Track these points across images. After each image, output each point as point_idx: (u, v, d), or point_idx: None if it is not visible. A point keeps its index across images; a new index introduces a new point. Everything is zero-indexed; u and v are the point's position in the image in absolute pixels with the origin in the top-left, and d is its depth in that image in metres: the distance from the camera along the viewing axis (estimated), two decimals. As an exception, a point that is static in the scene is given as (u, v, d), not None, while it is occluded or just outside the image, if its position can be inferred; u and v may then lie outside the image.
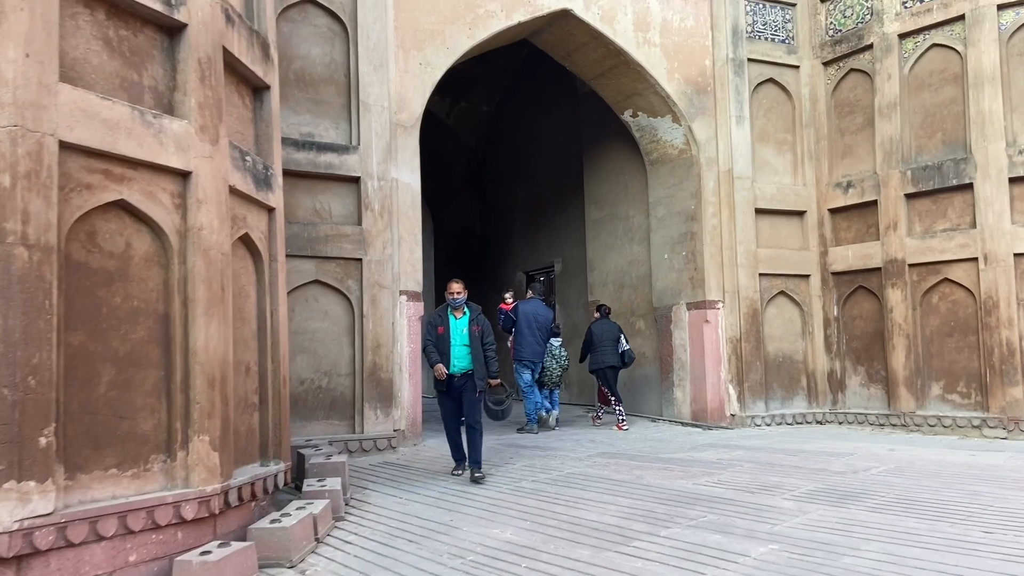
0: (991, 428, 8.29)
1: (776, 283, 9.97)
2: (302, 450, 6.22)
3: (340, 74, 7.84)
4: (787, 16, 10.26)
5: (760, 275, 9.82)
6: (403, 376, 7.86)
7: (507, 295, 10.25)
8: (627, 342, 9.94)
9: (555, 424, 9.87)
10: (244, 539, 4.28)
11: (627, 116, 10.38)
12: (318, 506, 4.82)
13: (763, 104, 10.11)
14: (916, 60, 9.15)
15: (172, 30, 4.25)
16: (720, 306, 9.72)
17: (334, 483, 5.34)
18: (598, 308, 10.40)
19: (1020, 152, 8.31)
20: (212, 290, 4.25)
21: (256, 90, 5.24)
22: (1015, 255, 8.28)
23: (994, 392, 8.30)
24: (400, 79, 8.10)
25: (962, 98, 8.72)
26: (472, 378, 6.26)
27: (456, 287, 6.32)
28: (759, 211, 9.86)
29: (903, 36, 9.22)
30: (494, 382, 6.51)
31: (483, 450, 6.33)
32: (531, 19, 8.91)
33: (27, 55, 3.42)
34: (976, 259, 8.50)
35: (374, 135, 7.82)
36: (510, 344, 9.82)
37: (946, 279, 8.81)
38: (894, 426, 9.11)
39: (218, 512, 4.21)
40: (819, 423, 9.86)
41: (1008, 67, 8.48)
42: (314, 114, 7.70)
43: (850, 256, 9.77)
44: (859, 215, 9.73)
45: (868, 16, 9.60)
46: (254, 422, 4.95)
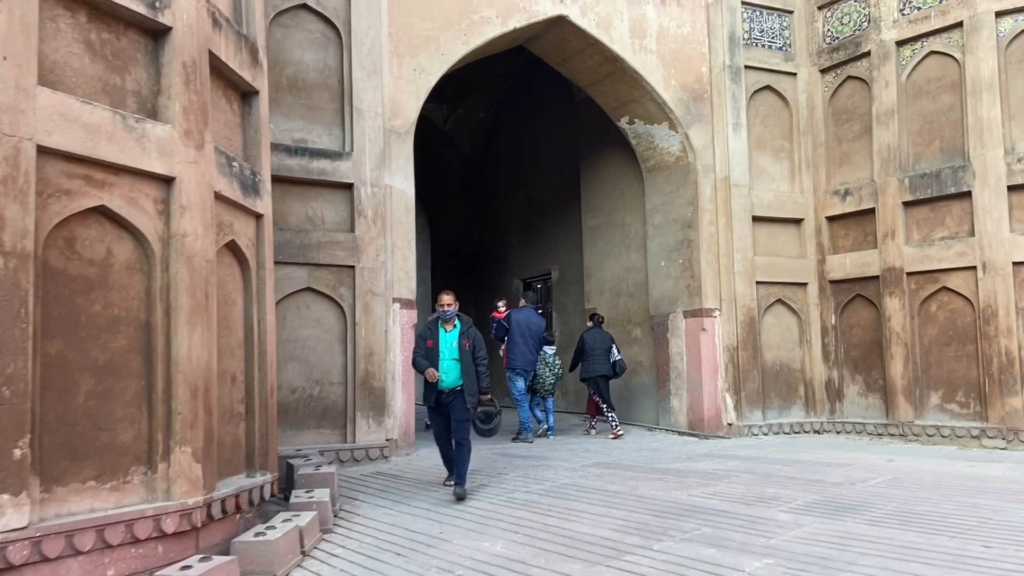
0: (990, 438, 8.20)
1: (773, 291, 9.89)
2: (291, 460, 6.13)
3: (333, 80, 7.78)
4: (784, 23, 10.22)
5: (757, 283, 9.74)
6: (396, 385, 7.76)
7: (500, 303, 10.18)
8: (619, 352, 9.85)
9: (550, 433, 9.77)
10: (228, 553, 4.19)
11: (624, 123, 10.32)
12: (305, 518, 4.73)
13: (760, 111, 10.06)
14: (914, 67, 9.10)
15: (156, 33, 4.18)
16: (717, 314, 9.64)
17: (322, 494, 5.24)
18: (591, 317, 10.32)
19: (1019, 160, 8.24)
20: (196, 298, 4.17)
21: (244, 95, 5.16)
22: (1014, 263, 8.20)
23: (993, 402, 8.21)
24: (394, 85, 8.04)
25: (960, 105, 8.66)
26: (462, 394, 6.00)
27: (446, 299, 6.08)
28: (756, 219, 9.79)
29: (901, 43, 9.17)
30: (485, 397, 6.24)
31: (476, 459, 6.26)
32: (527, 25, 8.86)
33: (4, 57, 3.35)
34: (974, 267, 8.42)
35: (367, 141, 7.75)
36: (502, 352, 9.75)
37: (944, 288, 8.73)
38: (892, 436, 9.02)
39: (200, 525, 4.12)
40: (817, 432, 9.76)
41: (1006, 74, 8.43)
42: (307, 120, 7.63)
43: (848, 264, 9.69)
44: (857, 223, 9.65)
45: (865, 23, 9.55)
46: (240, 432, 4.86)
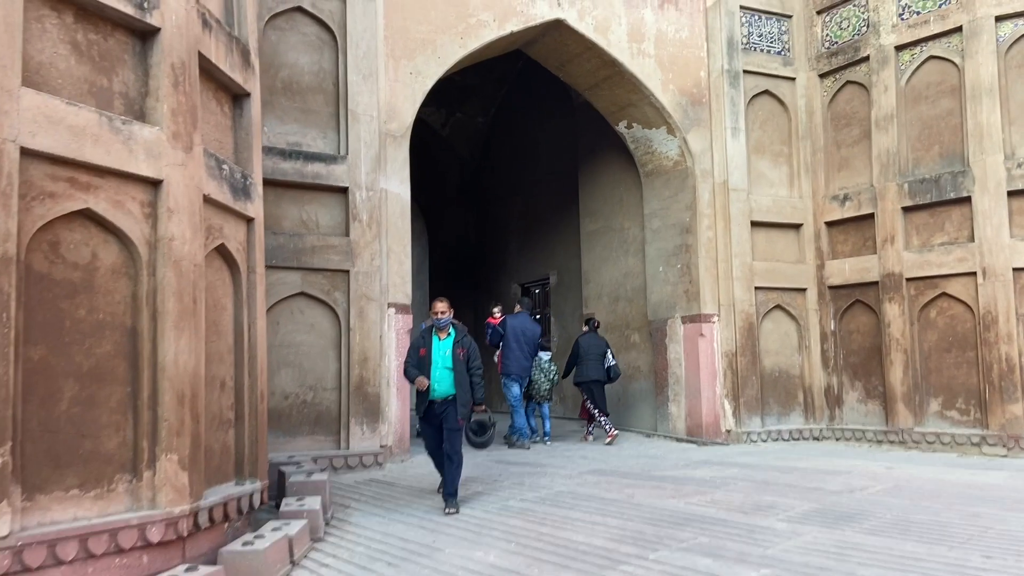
0: (991, 446, 8.12)
1: (772, 297, 9.82)
2: (283, 467, 6.05)
3: (328, 83, 7.73)
4: (783, 28, 10.18)
5: (756, 288, 9.67)
6: (391, 391, 7.69)
7: (495, 309, 10.12)
8: (614, 357, 9.82)
9: (547, 439, 9.70)
10: (215, 562, 4.11)
11: (622, 127, 10.27)
12: (295, 527, 4.65)
13: (759, 116, 10.01)
14: (913, 72, 9.05)
15: (145, 34, 4.12)
16: (715, 320, 9.57)
17: (313, 502, 5.16)
18: (586, 321, 10.28)
19: (1019, 165, 8.19)
20: (183, 303, 4.10)
21: (236, 97, 5.10)
22: (1014, 269, 8.14)
23: (993, 409, 8.14)
24: (390, 88, 7.99)
25: (960, 110, 8.61)
26: (454, 404, 5.81)
27: (440, 306, 5.88)
28: (755, 224, 9.73)
29: (900, 48, 9.12)
30: (479, 408, 6.05)
31: (472, 466, 6.15)
32: (524, 29, 8.82)
33: (-14, 58, 3.29)
34: (974, 273, 8.35)
35: (363, 145, 7.69)
36: (497, 358, 9.68)
37: (944, 293, 8.66)
38: (892, 443, 8.94)
39: (187, 534, 4.04)
40: (816, 439, 9.69)
41: (1006, 79, 8.37)
42: (302, 123, 7.58)
43: (847, 270, 9.63)
44: (856, 228, 9.59)
45: (864, 28, 9.51)
46: (229, 439, 4.79)
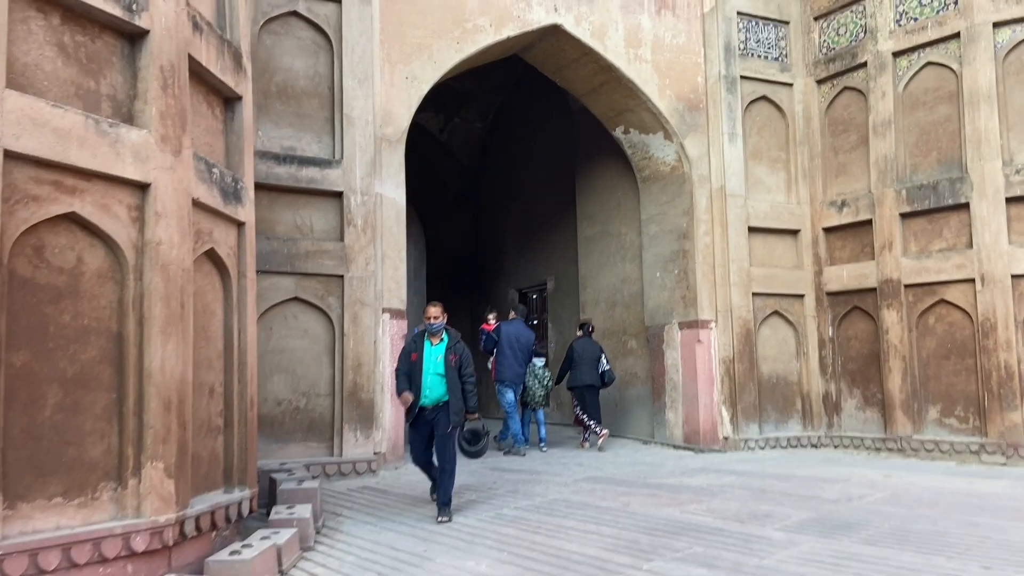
0: (989, 454, 8.06)
1: (770, 303, 9.77)
2: (275, 474, 5.98)
3: (324, 87, 7.69)
4: (780, 34, 10.15)
5: (753, 294, 9.61)
6: (385, 397, 7.62)
7: (490, 316, 10.06)
8: (608, 362, 9.77)
9: (543, 445, 9.63)
10: (201, 572, 4.05)
11: (619, 133, 10.23)
12: (284, 536, 4.58)
13: (756, 122, 9.97)
14: (911, 78, 9.01)
15: (133, 36, 4.08)
16: (713, 326, 9.51)
17: (304, 511, 5.10)
18: (580, 326, 10.24)
19: (1017, 171, 8.15)
20: (171, 308, 4.05)
21: (227, 101, 5.06)
22: (1013, 276, 8.08)
23: (992, 417, 8.08)
24: (385, 93, 7.95)
25: (957, 116, 8.57)
26: (446, 411, 5.72)
27: (434, 311, 5.82)
28: (752, 229, 9.68)
29: (897, 54, 9.09)
30: (472, 416, 5.95)
31: (466, 473, 6.07)
32: (520, 34, 8.79)
33: (-32, 59, 3.24)
34: (973, 280, 8.30)
35: (358, 149, 7.65)
36: (491, 365, 9.63)
37: (943, 300, 8.61)
38: (891, 450, 8.87)
39: (172, 543, 3.98)
40: (814, 447, 9.62)
41: (1004, 85, 8.34)
42: (296, 128, 7.53)
43: (845, 276, 9.58)
44: (854, 234, 9.55)
45: (862, 34, 9.48)
46: (218, 446, 4.73)
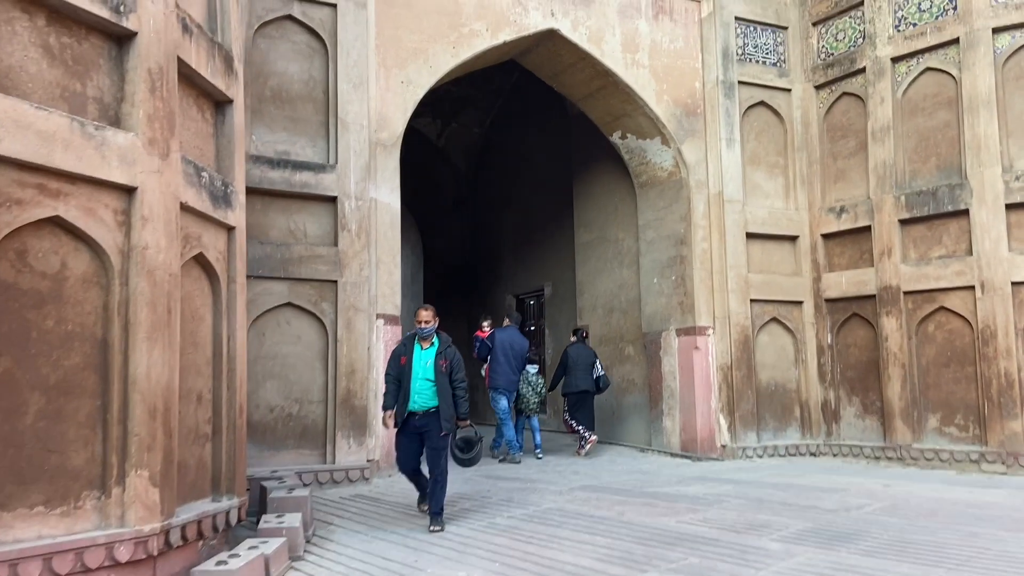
0: (990, 463, 7.98)
1: (768, 309, 9.70)
2: (265, 482, 5.91)
3: (318, 91, 7.64)
4: (778, 39, 10.11)
5: (751, 301, 9.55)
6: (378, 404, 7.49)
7: (484, 323, 10.00)
8: (602, 367, 9.74)
9: (538, 451, 9.57)
10: (186, 582, 3.98)
11: (616, 138, 10.19)
12: (272, 545, 4.51)
13: (754, 127, 9.92)
14: (909, 84, 8.97)
15: (121, 38, 4.03)
16: (710, 332, 9.44)
17: (293, 519, 5.02)
18: (574, 331, 10.20)
19: (1017, 178, 8.09)
20: (157, 313, 3.98)
21: (218, 104, 5.00)
22: (1013, 283, 8.02)
23: (992, 425, 8.01)
24: (381, 97, 7.90)
25: (957, 122, 8.52)
26: (436, 418, 5.60)
27: (425, 315, 5.71)
28: (750, 235, 9.62)
29: (896, 60, 9.05)
30: (463, 424, 5.80)
31: (460, 481, 5.98)
32: (517, 39, 8.74)
33: (-51, 60, 3.19)
34: (973, 287, 8.23)
35: (352, 154, 7.59)
36: (484, 372, 9.57)
37: (942, 307, 8.54)
38: (890, 459, 8.79)
39: (157, 553, 3.91)
40: (813, 455, 9.54)
41: (1004, 91, 8.29)
42: (290, 132, 7.48)
43: (844, 282, 9.52)
44: (853, 241, 9.49)
45: (860, 39, 9.44)
46: (206, 454, 4.65)
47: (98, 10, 3.85)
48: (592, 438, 9.54)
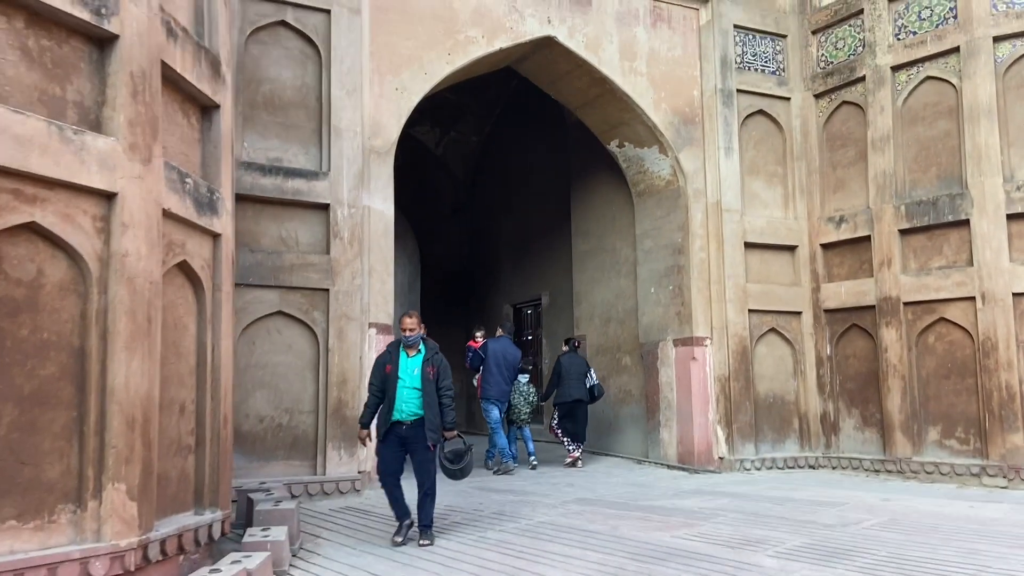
0: (991, 476, 7.86)
1: (766, 320, 9.60)
2: (252, 494, 5.80)
3: (311, 98, 7.56)
4: (778, 47, 10.05)
5: (750, 311, 9.44)
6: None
7: (477, 333, 9.92)
8: (596, 376, 9.70)
9: (532, 459, 9.46)
10: (165, 598, 3.88)
11: (613, 146, 10.11)
12: (256, 559, 4.40)
13: (753, 136, 9.84)
14: (910, 93, 8.89)
15: (102, 41, 3.94)
16: (708, 343, 9.34)
17: (279, 533, 4.92)
18: (566, 341, 10.13)
19: (1018, 188, 8.00)
20: (136, 322, 3.89)
21: (205, 109, 4.92)
22: (1014, 294, 7.92)
23: (993, 438, 7.89)
24: (374, 104, 7.82)
25: (957, 132, 8.44)
26: (422, 428, 5.44)
27: (409, 322, 5.55)
28: (748, 245, 9.52)
29: (896, 68, 8.97)
30: (450, 434, 5.63)
31: (452, 493, 5.84)
32: (513, 46, 8.68)
33: (-80, 61, 3.11)
34: (973, 298, 8.13)
35: (345, 161, 7.51)
36: (477, 382, 9.48)
37: (943, 318, 8.44)
38: (890, 472, 8.67)
39: (134, 569, 3.80)
40: (812, 467, 9.41)
41: (1004, 100, 8.21)
42: (283, 139, 7.40)
43: (843, 293, 9.42)
44: (852, 251, 9.39)
45: (860, 48, 9.37)
46: (188, 466, 4.55)
47: (79, 12, 3.77)
48: (576, 452, 9.44)
